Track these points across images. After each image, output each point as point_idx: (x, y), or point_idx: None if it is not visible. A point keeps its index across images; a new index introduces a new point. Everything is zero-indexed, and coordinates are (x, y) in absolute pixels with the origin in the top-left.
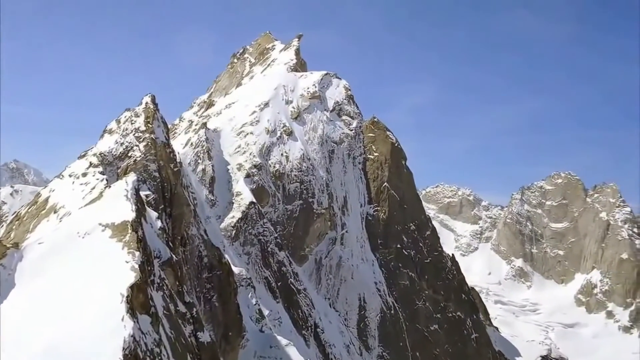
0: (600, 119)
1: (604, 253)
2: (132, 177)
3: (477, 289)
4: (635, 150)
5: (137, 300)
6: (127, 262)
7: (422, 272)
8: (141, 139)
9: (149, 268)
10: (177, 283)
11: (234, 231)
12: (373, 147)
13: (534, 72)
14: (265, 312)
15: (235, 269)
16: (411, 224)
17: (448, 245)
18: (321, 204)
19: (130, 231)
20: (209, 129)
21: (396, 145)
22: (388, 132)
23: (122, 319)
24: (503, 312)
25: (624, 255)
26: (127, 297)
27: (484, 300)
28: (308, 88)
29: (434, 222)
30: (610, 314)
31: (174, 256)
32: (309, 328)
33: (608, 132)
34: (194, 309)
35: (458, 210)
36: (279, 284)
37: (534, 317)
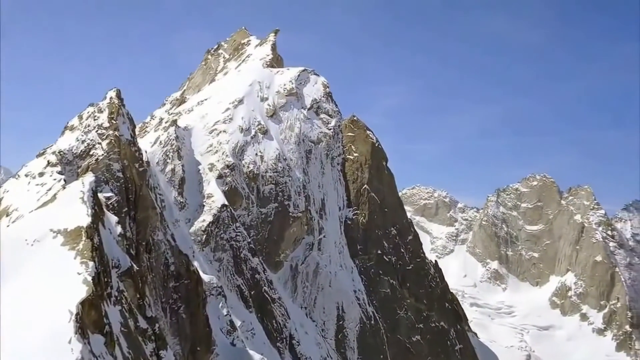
0: (575, 121)
1: (578, 255)
2: (89, 178)
3: (452, 291)
4: (610, 153)
5: (89, 318)
6: (79, 274)
7: (403, 280)
8: (104, 136)
9: (106, 279)
10: (138, 295)
11: (204, 236)
12: (352, 147)
13: (509, 74)
14: (237, 323)
15: (205, 277)
16: (392, 229)
17: (424, 248)
18: (297, 207)
19: (84, 238)
20: (179, 126)
21: (377, 145)
22: (368, 132)
23: (70, 341)
24: (479, 314)
25: (598, 258)
26: (77, 314)
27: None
28: (284, 84)
29: None
30: (584, 317)
31: (134, 265)
32: (284, 340)
33: (583, 134)
34: (157, 325)
35: (434, 212)
36: (252, 292)
37: (509, 320)
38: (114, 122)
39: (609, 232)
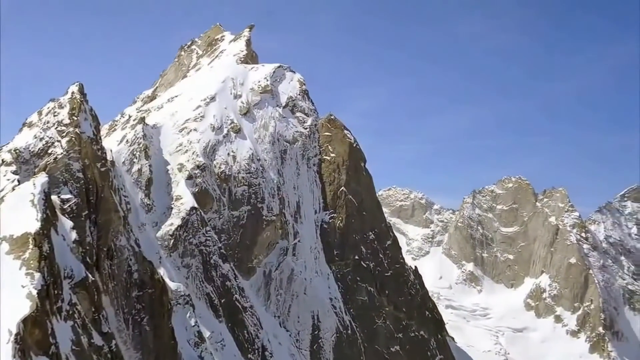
0: (549, 124)
1: (552, 257)
2: (41, 179)
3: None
4: (584, 155)
5: (32, 338)
6: (23, 287)
7: (382, 287)
8: (64, 134)
9: (56, 292)
10: (93, 309)
11: (172, 240)
12: (329, 147)
13: (486, 77)
14: (206, 334)
15: (172, 285)
16: (370, 233)
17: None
18: (271, 210)
19: (31, 246)
20: (147, 124)
21: (354, 145)
22: (346, 131)
23: None
24: (454, 317)
25: (572, 260)
26: (17, 334)
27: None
28: (259, 81)
29: None
30: (558, 318)
31: (89, 275)
32: (256, 351)
33: (558, 136)
34: (113, 341)
35: (410, 213)
36: (222, 300)
37: (484, 322)
38: (75, 118)
39: (583, 235)
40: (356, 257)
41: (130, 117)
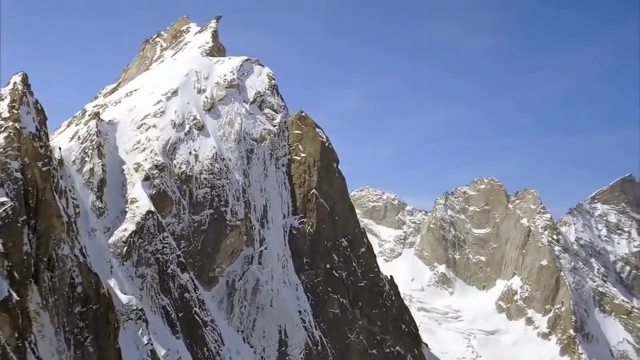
0: (523, 126)
1: (524, 259)
2: None
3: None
4: (555, 157)
5: None
6: None
7: (355, 298)
8: (2, 129)
9: None
10: (17, 335)
11: (125, 248)
12: (300, 146)
13: (465, 79)
14: (161, 353)
15: (124, 297)
16: (343, 240)
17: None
18: (236, 214)
19: None
20: (102, 120)
21: (327, 144)
22: (318, 129)
23: None
24: (426, 319)
25: (544, 262)
26: None
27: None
28: (225, 75)
29: None
30: (529, 321)
31: (14, 294)
32: None
33: (530, 138)
34: None
35: (382, 214)
36: (180, 314)
37: (456, 325)
38: (15, 111)
39: (554, 237)
40: (327, 266)
41: (86, 112)
